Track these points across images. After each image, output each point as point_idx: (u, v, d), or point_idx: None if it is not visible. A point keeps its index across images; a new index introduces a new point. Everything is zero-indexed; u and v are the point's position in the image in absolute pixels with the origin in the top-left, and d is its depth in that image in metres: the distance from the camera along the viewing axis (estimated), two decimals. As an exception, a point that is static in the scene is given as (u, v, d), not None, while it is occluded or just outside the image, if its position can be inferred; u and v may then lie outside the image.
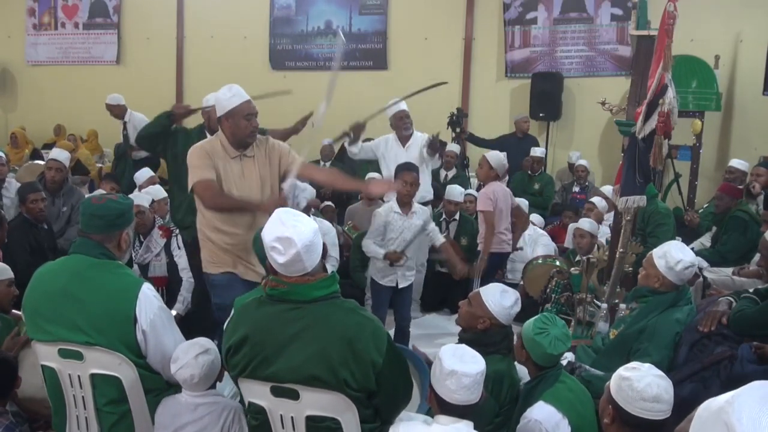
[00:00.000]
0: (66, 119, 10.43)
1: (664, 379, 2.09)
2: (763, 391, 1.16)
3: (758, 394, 1.15)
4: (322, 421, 2.19)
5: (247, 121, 3.44)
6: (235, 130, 3.44)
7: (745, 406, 1.13)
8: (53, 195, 5.36)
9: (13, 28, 11.52)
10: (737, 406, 1.14)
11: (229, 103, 3.44)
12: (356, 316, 2.21)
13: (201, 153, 3.46)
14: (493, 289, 2.91)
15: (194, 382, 2.51)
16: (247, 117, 3.44)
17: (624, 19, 8.40)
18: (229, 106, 3.43)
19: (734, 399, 1.15)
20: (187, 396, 2.55)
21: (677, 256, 3.07)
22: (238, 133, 3.45)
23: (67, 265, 2.54)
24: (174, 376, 2.52)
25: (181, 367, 2.50)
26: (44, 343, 2.49)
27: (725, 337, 2.85)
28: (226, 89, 3.50)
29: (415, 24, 9.52)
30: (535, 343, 2.60)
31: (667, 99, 3.59)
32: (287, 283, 2.19)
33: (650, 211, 5.04)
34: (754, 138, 7.87)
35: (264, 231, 2.21)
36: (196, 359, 2.50)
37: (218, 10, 10.32)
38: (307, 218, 2.24)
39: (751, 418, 1.10)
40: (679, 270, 3.06)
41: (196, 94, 4.74)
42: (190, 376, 2.50)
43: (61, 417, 2.57)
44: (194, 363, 2.50)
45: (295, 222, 2.17)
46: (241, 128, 3.44)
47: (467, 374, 2.11)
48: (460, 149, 8.13)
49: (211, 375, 2.56)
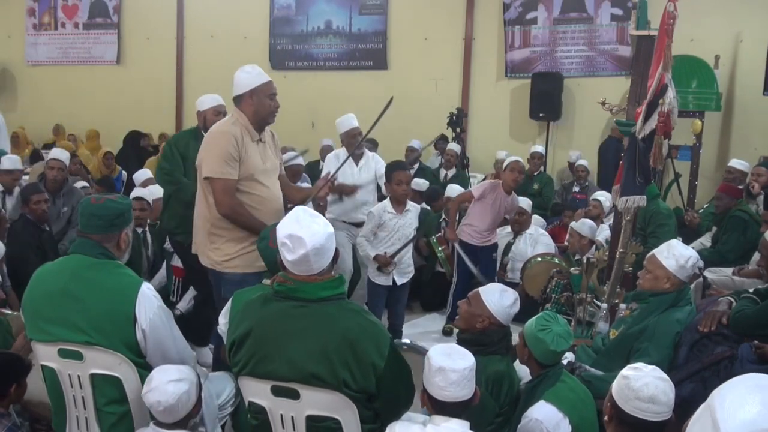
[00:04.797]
0: (66, 119, 10.44)
1: (665, 382, 2.08)
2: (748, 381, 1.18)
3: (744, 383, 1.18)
4: (323, 420, 2.19)
5: (271, 100, 3.45)
6: (259, 108, 3.43)
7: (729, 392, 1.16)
8: (53, 195, 5.36)
9: (13, 28, 11.52)
10: (722, 392, 1.17)
11: (253, 80, 3.42)
12: (360, 318, 2.22)
13: (231, 141, 3.34)
14: (492, 289, 2.92)
15: (160, 410, 2.35)
16: (270, 96, 3.45)
17: (624, 19, 8.40)
18: (254, 83, 3.42)
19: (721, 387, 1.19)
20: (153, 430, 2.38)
21: (686, 253, 3.08)
22: (261, 111, 3.43)
23: (67, 265, 2.54)
24: (142, 398, 2.40)
25: (150, 390, 2.35)
26: (44, 344, 2.49)
27: (725, 337, 2.85)
28: (248, 68, 3.47)
29: (415, 24, 9.52)
30: (537, 340, 2.60)
31: (667, 99, 3.58)
32: (294, 281, 2.20)
33: (651, 211, 5.04)
34: (754, 138, 7.87)
35: (279, 225, 2.23)
36: (166, 385, 2.35)
37: (218, 10, 10.33)
38: (325, 222, 2.24)
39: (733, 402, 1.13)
40: (690, 266, 3.07)
41: (196, 94, 4.72)
42: (156, 402, 2.34)
43: (61, 417, 2.57)
44: (163, 389, 2.34)
45: (311, 223, 2.18)
46: (266, 106, 3.44)
47: (455, 370, 2.12)
48: (460, 149, 8.13)
49: (181, 407, 2.38)
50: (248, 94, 3.42)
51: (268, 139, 3.57)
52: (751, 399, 1.13)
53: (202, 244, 3.53)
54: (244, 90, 3.42)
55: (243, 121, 3.43)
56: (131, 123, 10.09)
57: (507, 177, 5.11)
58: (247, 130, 3.42)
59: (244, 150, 3.36)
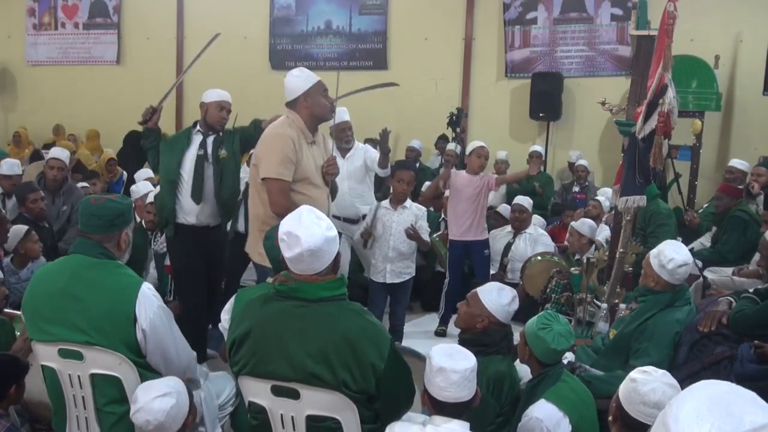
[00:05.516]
0: (66, 119, 10.43)
1: (673, 388, 2.05)
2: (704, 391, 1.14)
3: (699, 393, 1.14)
4: (323, 420, 2.19)
5: (325, 98, 3.48)
6: (315, 109, 3.46)
7: (683, 405, 1.12)
8: (53, 194, 5.37)
9: (13, 28, 11.51)
10: (676, 405, 1.13)
11: (304, 83, 3.45)
12: (360, 319, 2.22)
13: (289, 144, 3.38)
14: (490, 288, 2.93)
15: (150, 429, 2.29)
16: (324, 94, 3.48)
17: (624, 19, 8.39)
18: (307, 85, 3.45)
19: (676, 398, 1.15)
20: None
21: (669, 255, 3.08)
22: (317, 111, 3.46)
23: (67, 265, 2.54)
24: (131, 419, 2.36)
25: (137, 411, 2.30)
26: (44, 344, 2.49)
27: (725, 337, 2.85)
28: (296, 71, 3.50)
29: (415, 24, 9.52)
30: (538, 339, 2.60)
31: (667, 99, 3.58)
32: (296, 280, 2.21)
33: (651, 211, 5.04)
34: (754, 138, 7.86)
35: (283, 221, 2.23)
36: (152, 403, 2.29)
37: (218, 10, 10.31)
38: (328, 225, 2.21)
39: (686, 418, 1.09)
40: (671, 269, 3.06)
41: (196, 94, 4.72)
42: (145, 422, 2.28)
43: (61, 417, 2.56)
44: (150, 407, 2.29)
45: (312, 224, 2.17)
46: (321, 105, 3.47)
47: (456, 370, 2.11)
48: (459, 149, 8.13)
49: (172, 422, 2.33)
50: (302, 97, 3.45)
51: (319, 140, 3.61)
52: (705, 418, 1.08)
53: (255, 241, 3.55)
54: (298, 94, 3.45)
55: (299, 124, 3.46)
56: (131, 123, 10.00)
57: (473, 162, 5.07)
58: (302, 133, 3.45)
59: (300, 153, 3.40)
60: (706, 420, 1.07)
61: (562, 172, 8.60)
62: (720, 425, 1.06)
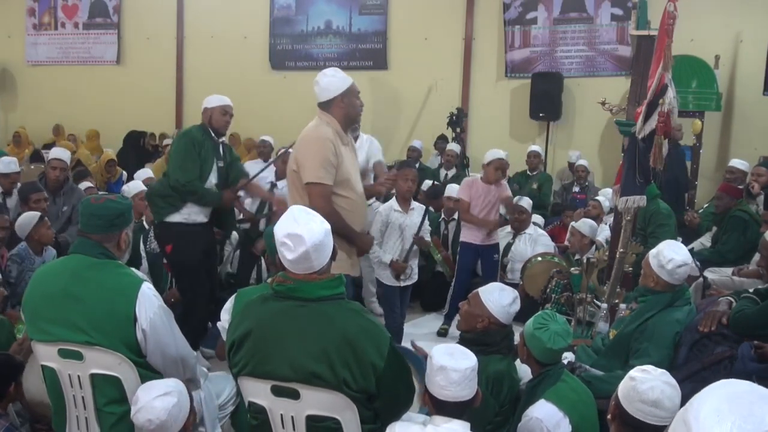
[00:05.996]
0: (66, 119, 10.44)
1: (672, 387, 2.06)
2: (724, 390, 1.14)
3: (719, 392, 1.13)
4: (323, 420, 2.19)
5: (358, 99, 3.50)
6: (350, 110, 3.47)
7: (704, 404, 1.12)
8: (54, 194, 5.37)
9: (13, 28, 11.52)
10: (696, 403, 1.13)
11: (343, 83, 3.45)
12: (359, 318, 2.22)
13: (329, 147, 3.34)
14: (491, 288, 2.93)
15: (152, 429, 2.28)
16: (357, 95, 3.50)
17: (624, 19, 8.40)
18: (344, 86, 3.45)
19: (696, 397, 1.14)
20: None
21: (668, 255, 3.08)
22: (352, 112, 3.48)
23: (67, 266, 2.54)
24: (132, 420, 2.36)
25: (138, 410, 2.29)
26: (44, 344, 2.48)
27: (725, 337, 2.85)
28: (330, 71, 3.49)
29: (415, 24, 9.52)
30: (535, 339, 2.60)
31: (667, 99, 3.58)
32: (294, 280, 2.21)
33: (651, 211, 5.04)
34: (754, 138, 7.87)
35: (276, 226, 2.23)
36: (153, 402, 2.29)
37: (218, 10, 10.32)
38: (321, 219, 2.25)
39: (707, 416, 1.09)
40: (670, 269, 3.07)
41: (196, 94, 4.75)
42: (147, 421, 2.27)
43: (61, 417, 2.56)
44: (151, 406, 2.28)
45: (308, 221, 2.20)
46: (355, 107, 3.49)
47: (456, 369, 2.12)
48: (460, 149, 8.14)
49: (173, 421, 2.32)
50: (339, 98, 3.43)
51: (349, 141, 3.61)
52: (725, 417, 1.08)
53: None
54: (335, 94, 3.43)
55: (334, 126, 3.43)
56: (131, 123, 10.10)
57: (490, 174, 5.22)
58: (338, 135, 3.43)
59: (340, 155, 3.38)
60: (727, 419, 1.07)
61: (562, 172, 8.60)
62: (741, 424, 1.06)
